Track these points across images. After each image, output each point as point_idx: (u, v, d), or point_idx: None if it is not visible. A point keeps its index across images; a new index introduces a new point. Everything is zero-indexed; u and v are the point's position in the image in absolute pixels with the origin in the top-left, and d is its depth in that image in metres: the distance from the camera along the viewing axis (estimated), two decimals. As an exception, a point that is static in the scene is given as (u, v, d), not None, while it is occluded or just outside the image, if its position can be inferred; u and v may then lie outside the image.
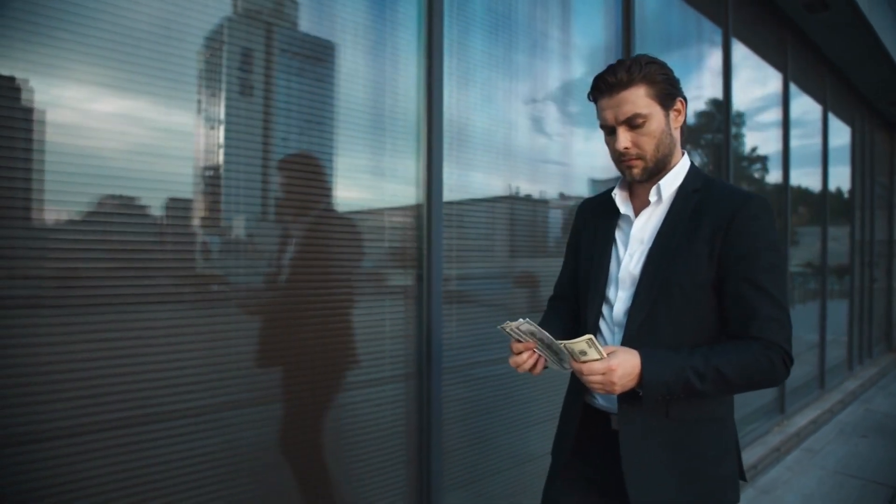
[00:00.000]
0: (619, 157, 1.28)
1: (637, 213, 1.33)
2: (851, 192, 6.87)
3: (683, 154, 1.34)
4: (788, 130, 5.00)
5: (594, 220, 1.42)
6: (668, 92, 1.25)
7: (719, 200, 1.23)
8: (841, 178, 6.60)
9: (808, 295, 5.70)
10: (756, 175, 4.82)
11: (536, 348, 1.22)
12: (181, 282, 1.52)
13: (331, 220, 1.78)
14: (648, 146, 1.24)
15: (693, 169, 1.33)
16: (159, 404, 1.47)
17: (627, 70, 1.21)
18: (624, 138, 1.23)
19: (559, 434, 1.46)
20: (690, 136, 3.88)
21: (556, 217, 2.64)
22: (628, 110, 1.21)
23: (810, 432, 4.72)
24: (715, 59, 3.96)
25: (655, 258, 1.25)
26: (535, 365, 1.24)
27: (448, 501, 2.12)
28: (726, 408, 1.31)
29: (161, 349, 1.47)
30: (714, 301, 1.23)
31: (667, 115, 1.26)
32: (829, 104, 5.99)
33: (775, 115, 4.92)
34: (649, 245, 1.28)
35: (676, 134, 1.31)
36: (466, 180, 2.16)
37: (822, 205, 5.92)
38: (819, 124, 5.86)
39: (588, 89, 1.30)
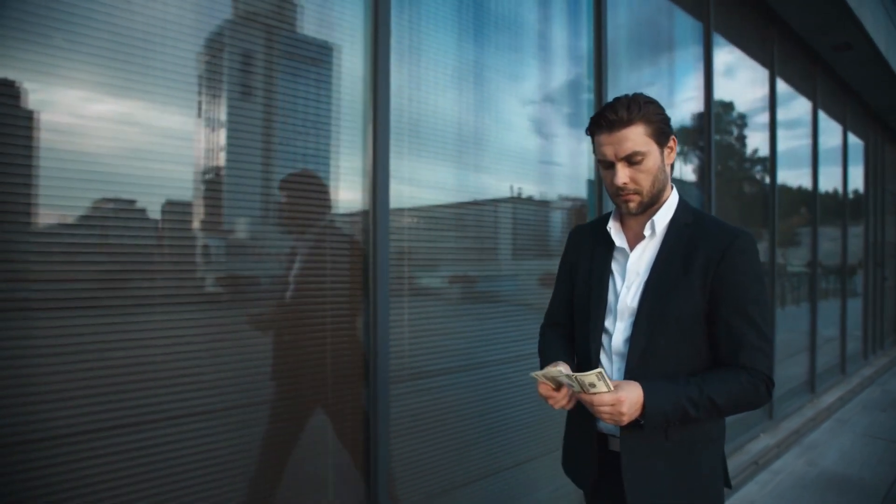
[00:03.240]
0: (616, 192, 1.30)
1: (632, 246, 1.36)
2: (865, 198, 7.70)
3: (673, 188, 1.37)
4: (818, 150, 5.83)
5: (589, 250, 1.44)
6: (664, 131, 1.28)
7: (711, 236, 1.28)
8: (852, 184, 7.43)
9: (820, 294, 6.46)
10: (790, 182, 5.65)
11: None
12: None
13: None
14: (645, 182, 1.27)
15: (682, 203, 1.36)
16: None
17: (627, 109, 1.24)
18: (623, 174, 1.26)
19: (576, 460, 1.47)
20: (740, 151, 4.72)
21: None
22: (628, 147, 1.24)
23: (838, 407, 5.55)
24: (762, 92, 4.81)
25: (652, 291, 1.28)
26: (570, 401, 1.28)
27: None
28: (719, 430, 1.35)
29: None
30: (707, 330, 1.27)
31: (662, 153, 1.29)
32: (848, 123, 6.83)
33: (805, 132, 5.76)
34: (645, 278, 1.30)
35: (668, 170, 1.34)
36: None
37: (841, 208, 6.76)
38: (840, 141, 6.71)
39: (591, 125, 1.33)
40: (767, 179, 4.87)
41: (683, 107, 3.74)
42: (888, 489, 3.51)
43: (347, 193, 1.90)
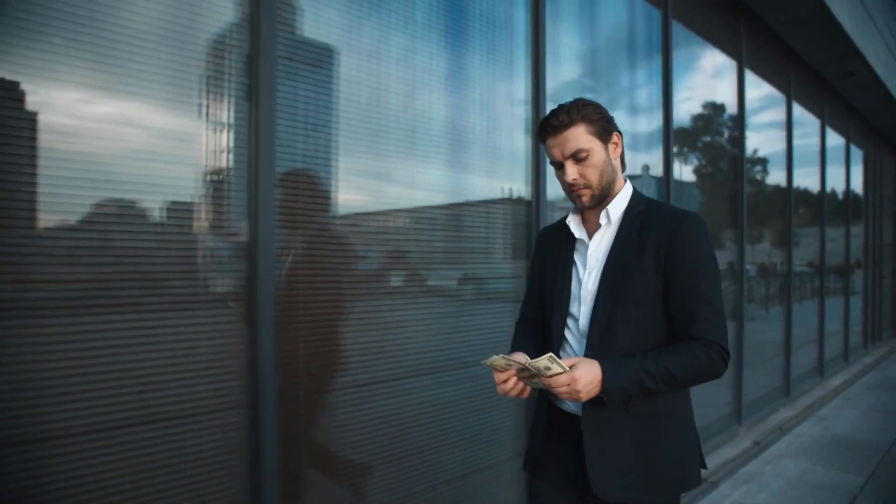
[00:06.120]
0: (569, 188, 1.40)
1: (591, 236, 1.45)
2: (865, 203, 8.50)
3: (625, 181, 1.45)
4: (825, 162, 6.63)
5: (555, 247, 1.54)
6: (606, 128, 1.38)
7: (661, 220, 1.35)
8: (852, 191, 8.23)
9: (824, 293, 7.24)
10: (806, 187, 6.45)
11: (518, 375, 1.32)
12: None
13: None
14: (593, 176, 1.36)
15: (636, 194, 1.45)
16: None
17: (568, 113, 1.34)
18: (571, 171, 1.36)
19: (530, 435, 1.56)
20: (763, 159, 5.50)
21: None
22: (572, 147, 1.34)
23: (843, 388, 6.32)
24: (780, 114, 5.61)
25: (610, 275, 1.36)
26: (522, 390, 1.34)
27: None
28: (681, 403, 1.40)
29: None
30: (662, 308, 1.34)
31: (606, 148, 1.38)
32: (851, 137, 7.65)
33: (814, 142, 6.57)
34: (603, 263, 1.39)
35: (617, 163, 1.42)
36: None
37: (843, 210, 7.56)
38: (843, 153, 7.52)
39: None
40: (784, 183, 5.68)
41: (723, 124, 4.54)
42: (889, 446, 4.29)
43: (518, 204, 2.67)
